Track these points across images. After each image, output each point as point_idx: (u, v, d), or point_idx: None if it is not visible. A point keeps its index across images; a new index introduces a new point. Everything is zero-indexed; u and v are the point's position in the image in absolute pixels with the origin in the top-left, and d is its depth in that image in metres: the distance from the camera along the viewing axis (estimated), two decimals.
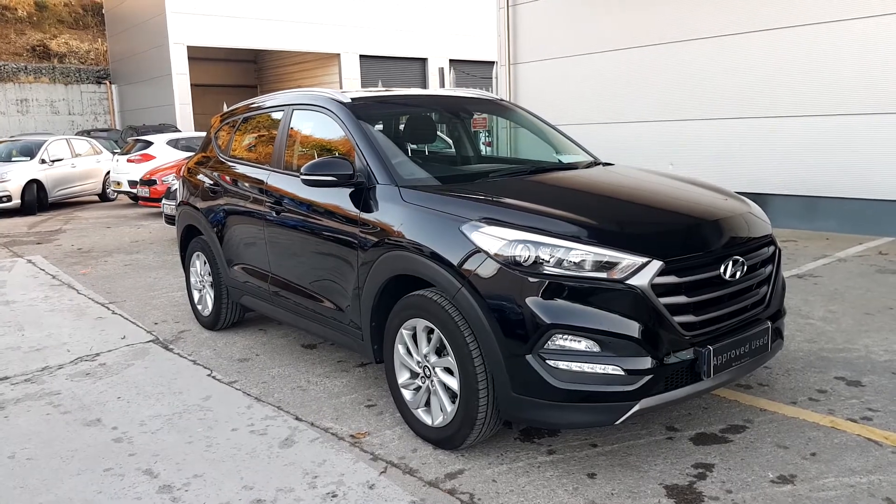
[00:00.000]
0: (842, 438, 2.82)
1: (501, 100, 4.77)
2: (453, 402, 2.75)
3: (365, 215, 3.14)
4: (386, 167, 3.21)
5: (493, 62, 12.14)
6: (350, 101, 3.63)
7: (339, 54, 23.97)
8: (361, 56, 24.17)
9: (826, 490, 2.44)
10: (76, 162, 13.66)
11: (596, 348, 2.46)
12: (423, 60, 25.16)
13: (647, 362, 2.46)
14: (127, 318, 5.11)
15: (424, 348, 2.88)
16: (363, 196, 3.19)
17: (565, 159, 4.05)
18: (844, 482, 2.49)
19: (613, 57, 9.53)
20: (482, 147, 5.24)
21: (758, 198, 7.78)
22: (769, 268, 2.94)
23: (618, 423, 2.48)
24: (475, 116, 4.78)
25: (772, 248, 3.00)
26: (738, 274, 2.70)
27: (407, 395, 3.01)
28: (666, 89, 8.94)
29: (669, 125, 8.94)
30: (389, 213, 3.05)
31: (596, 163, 3.96)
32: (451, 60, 24.51)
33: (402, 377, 3.02)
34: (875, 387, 3.31)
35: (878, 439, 2.79)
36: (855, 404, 3.13)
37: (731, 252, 2.72)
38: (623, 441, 2.88)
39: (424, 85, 24.58)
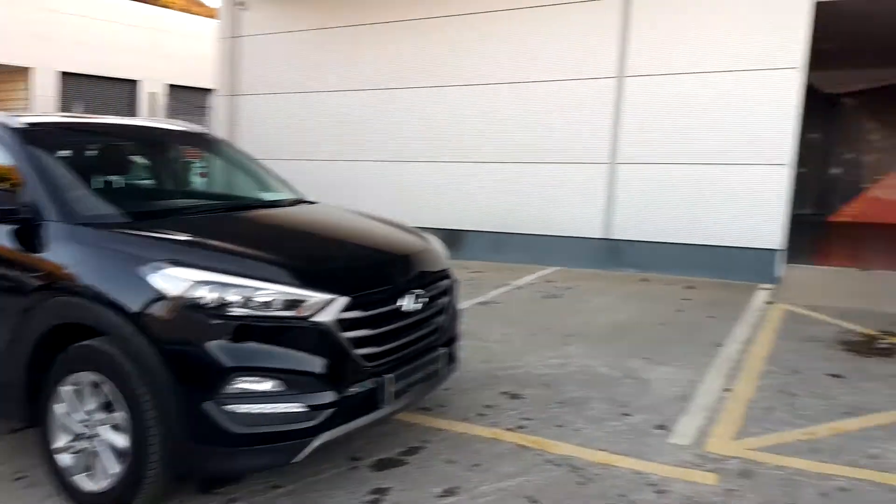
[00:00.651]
0: (501, 448, 3.23)
1: (205, 133, 4.59)
2: (121, 462, 2.51)
3: (30, 256, 2.78)
4: (59, 202, 2.89)
5: (213, 90, 11.68)
6: (23, 125, 3.22)
7: (30, 68, 20.57)
8: (62, 73, 21.08)
9: (483, 497, 2.77)
10: None
11: (280, 387, 2.48)
12: (135, 83, 22.90)
13: (329, 396, 2.55)
14: None
15: (90, 405, 2.60)
16: (30, 234, 2.82)
17: (269, 197, 4.04)
18: (498, 487, 2.84)
19: (325, 97, 9.90)
20: (196, 178, 4.97)
21: (456, 234, 8.74)
22: (445, 299, 3.29)
23: (297, 460, 2.51)
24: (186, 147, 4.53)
25: (447, 281, 3.36)
26: (417, 306, 2.97)
27: (66, 459, 2.66)
28: (374, 132, 9.54)
29: (378, 165, 9.58)
30: (59, 253, 2.75)
31: (300, 201, 4.02)
32: (169, 86, 22.79)
33: (62, 440, 2.67)
34: (532, 398, 3.88)
35: (528, 445, 3.26)
36: (513, 415, 3.62)
37: (411, 286, 2.98)
38: (305, 477, 2.90)
39: (134, 110, 22.35)
